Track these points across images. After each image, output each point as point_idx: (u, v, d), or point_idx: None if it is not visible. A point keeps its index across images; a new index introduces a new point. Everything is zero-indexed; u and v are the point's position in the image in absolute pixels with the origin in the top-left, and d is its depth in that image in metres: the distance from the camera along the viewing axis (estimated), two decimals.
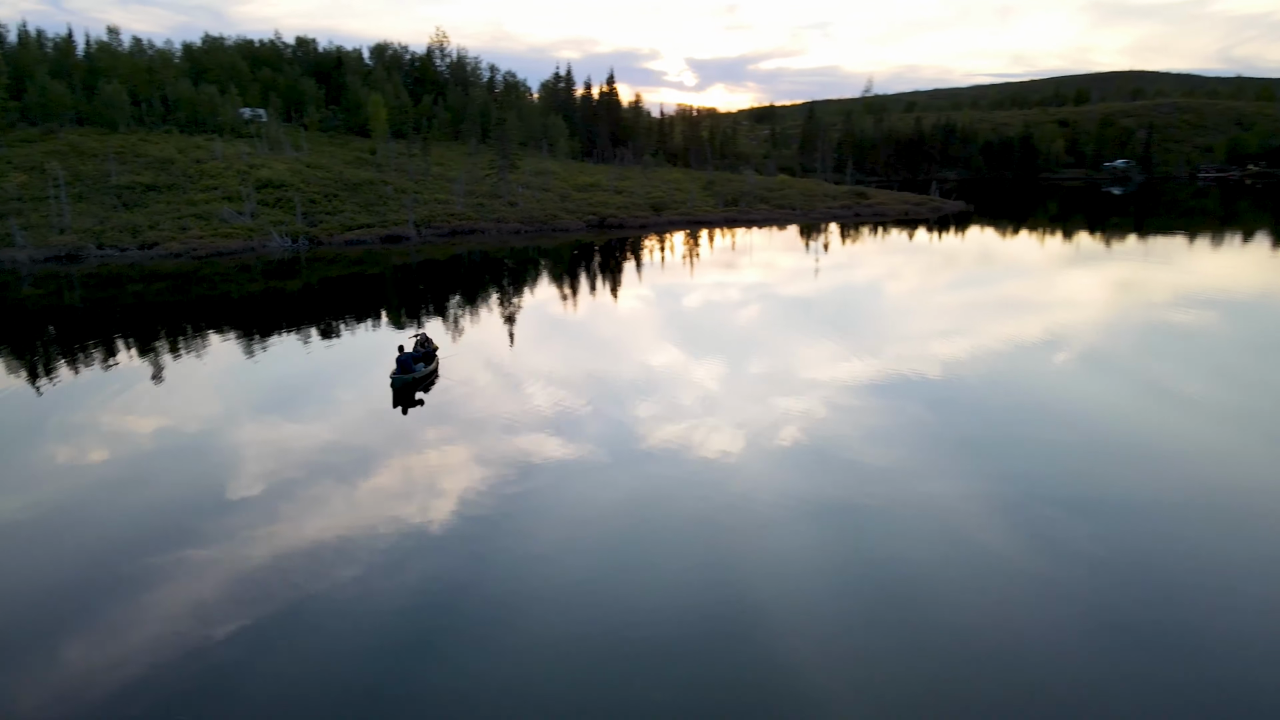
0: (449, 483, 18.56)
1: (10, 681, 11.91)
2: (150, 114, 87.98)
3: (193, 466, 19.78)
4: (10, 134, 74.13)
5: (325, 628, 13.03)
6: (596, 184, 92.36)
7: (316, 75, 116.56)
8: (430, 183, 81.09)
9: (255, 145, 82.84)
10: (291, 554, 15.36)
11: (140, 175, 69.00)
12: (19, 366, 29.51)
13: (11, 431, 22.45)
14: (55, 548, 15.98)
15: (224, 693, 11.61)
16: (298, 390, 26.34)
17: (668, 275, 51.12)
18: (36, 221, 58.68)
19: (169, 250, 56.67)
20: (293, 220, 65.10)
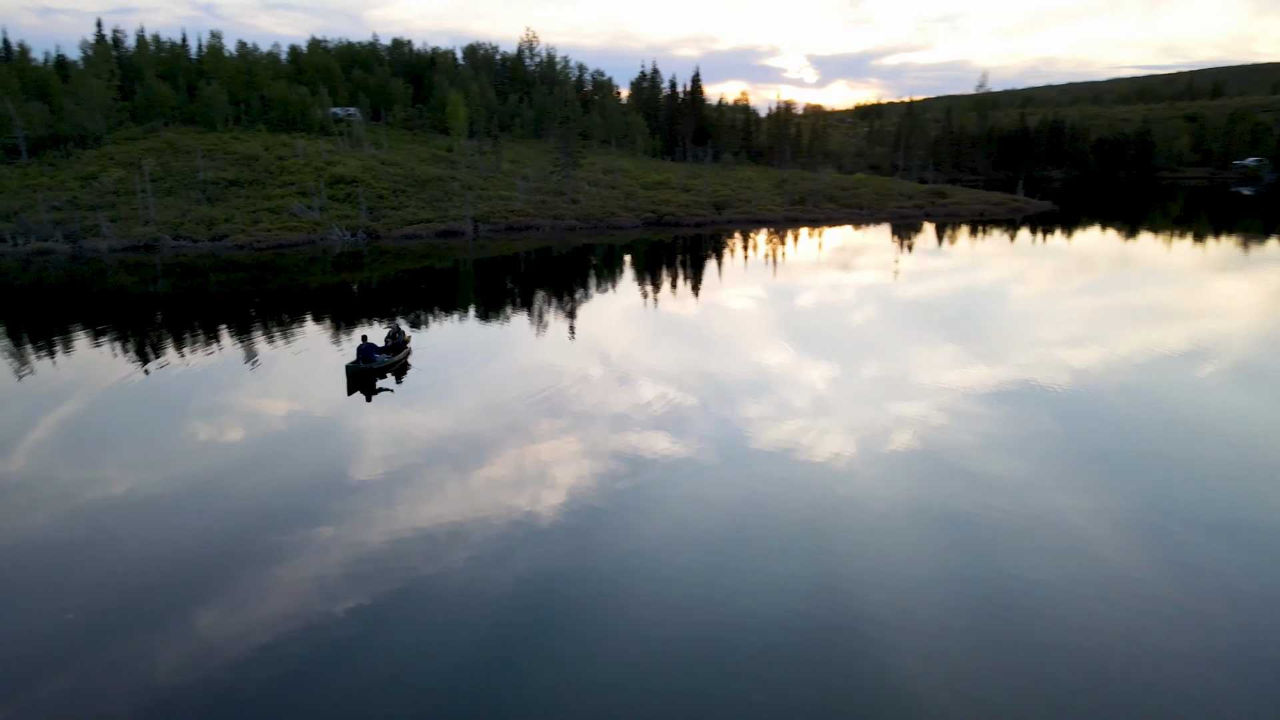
0: (558, 474, 18.86)
1: (149, 644, 12.71)
2: (247, 113, 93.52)
3: (317, 449, 20.75)
4: (117, 132, 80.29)
5: (436, 610, 13.47)
6: (665, 182, 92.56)
7: (410, 76, 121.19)
8: (499, 179, 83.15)
9: (337, 143, 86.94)
10: (407, 537, 15.89)
11: (225, 171, 73.57)
12: (147, 351, 31.08)
13: (153, 411, 23.83)
14: (192, 521, 16.86)
15: (342, 666, 12.10)
16: (413, 378, 27.10)
17: (758, 274, 50.13)
18: (126, 214, 63.50)
19: (236, 242, 60.29)
20: (357, 214, 68.08)
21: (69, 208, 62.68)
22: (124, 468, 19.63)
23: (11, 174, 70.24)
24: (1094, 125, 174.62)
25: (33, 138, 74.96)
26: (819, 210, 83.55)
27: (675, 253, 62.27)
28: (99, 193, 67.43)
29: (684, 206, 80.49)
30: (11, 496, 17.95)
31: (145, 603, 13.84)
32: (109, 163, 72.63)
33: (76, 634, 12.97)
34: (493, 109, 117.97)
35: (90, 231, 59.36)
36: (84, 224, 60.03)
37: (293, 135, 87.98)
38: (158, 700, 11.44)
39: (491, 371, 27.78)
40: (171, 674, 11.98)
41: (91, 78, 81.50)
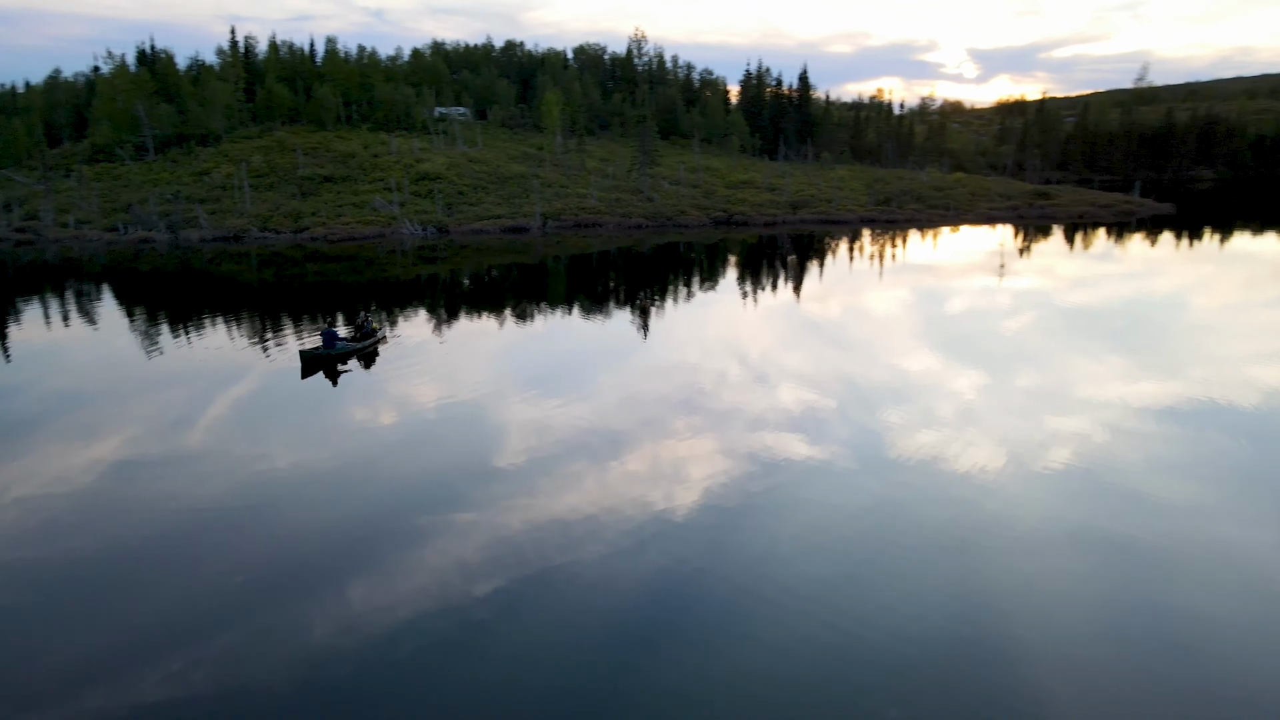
0: (693, 472, 18.95)
1: (305, 611, 13.51)
2: (357, 113, 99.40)
3: (463, 436, 21.59)
4: (236, 132, 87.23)
5: (568, 599, 13.79)
6: (750, 181, 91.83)
7: (520, 77, 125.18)
8: (581, 177, 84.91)
9: (432, 141, 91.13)
10: (544, 525, 16.28)
11: (323, 168, 78.69)
12: (294, 336, 33.08)
13: (313, 394, 25.45)
14: (346, 498, 17.77)
15: (478, 647, 12.52)
16: (553, 370, 28.05)
17: (867, 276, 48.72)
18: (226, 207, 69.18)
19: (313, 234, 64.53)
20: (434, 210, 71.33)
21: (175, 200, 68.85)
22: (288, 445, 20.90)
23: (138, 170, 77.81)
24: (1255, 121, 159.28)
25: (160, 137, 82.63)
26: (901, 211, 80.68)
27: (769, 252, 61.62)
28: (208, 187, 73.72)
29: (758, 206, 79.65)
30: (192, 466, 19.49)
31: (302, 572, 14.72)
32: (223, 160, 79.16)
33: (241, 596, 13.92)
34: (595, 108, 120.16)
35: (189, 223, 65.05)
36: (185, 215, 65.83)
37: (395, 134, 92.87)
38: (311, 663, 12.12)
39: (628, 367, 28.36)
40: (323, 640, 12.65)
41: (216, 82, 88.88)
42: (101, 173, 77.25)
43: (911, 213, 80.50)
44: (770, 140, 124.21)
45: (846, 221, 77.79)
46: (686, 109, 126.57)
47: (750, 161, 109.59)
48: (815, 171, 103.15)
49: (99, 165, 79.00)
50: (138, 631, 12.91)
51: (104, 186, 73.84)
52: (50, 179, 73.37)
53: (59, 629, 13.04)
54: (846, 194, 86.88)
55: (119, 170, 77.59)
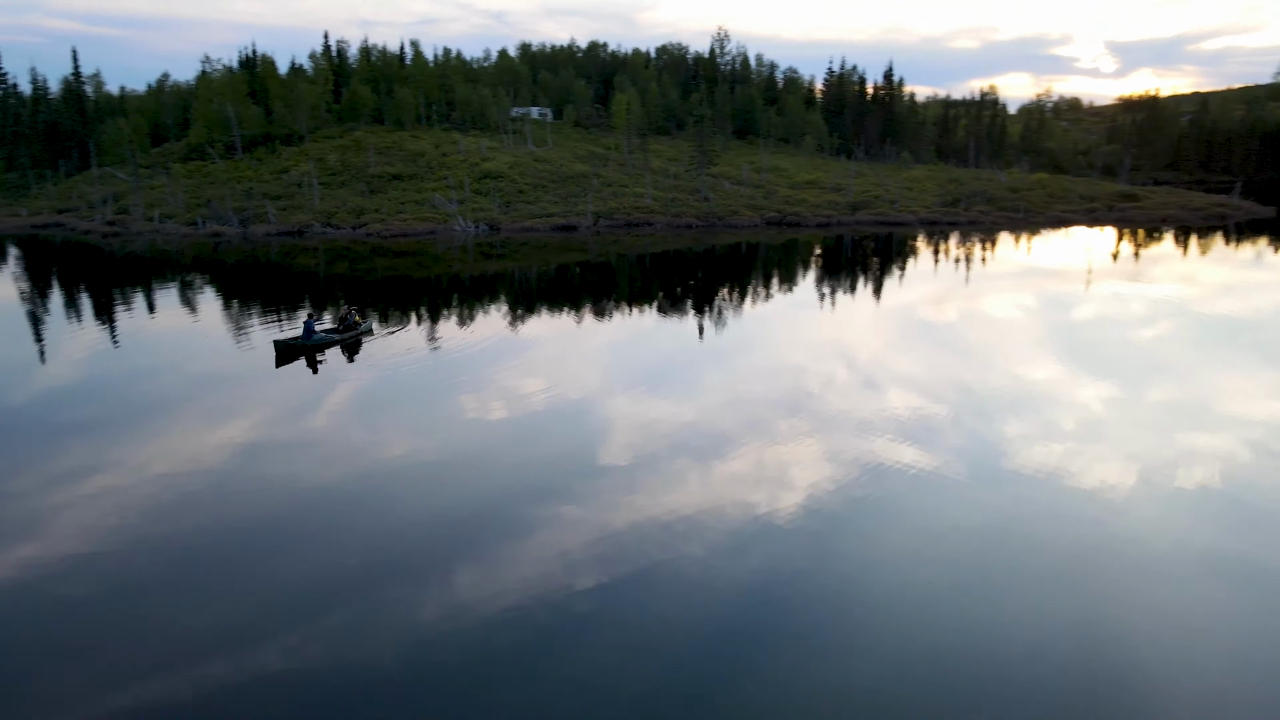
0: (797, 475, 18.91)
1: (413, 595, 13.99)
2: (436, 114, 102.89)
3: (568, 430, 22.05)
4: (319, 132, 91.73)
5: (669, 597, 13.88)
6: (816, 181, 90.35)
7: (602, 77, 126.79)
8: (643, 176, 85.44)
9: (502, 140, 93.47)
10: (646, 522, 16.43)
11: (393, 166, 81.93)
12: (397, 327, 34.71)
13: (426, 384, 26.60)
14: (455, 487, 18.37)
15: (579, 640, 12.74)
16: (654, 368, 28.57)
17: (956, 278, 47.60)
18: (298, 203, 73.00)
19: (370, 230, 67.34)
20: (491, 207, 73.27)
21: (249, 197, 73.10)
22: (402, 434, 21.70)
23: (226, 168, 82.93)
24: None
25: (248, 137, 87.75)
26: (966, 214, 77.77)
27: (846, 253, 60.65)
28: (284, 184, 77.91)
29: (815, 207, 78.33)
30: (313, 450, 20.58)
31: (412, 556, 15.29)
32: (302, 158, 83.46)
33: (355, 576, 14.54)
34: (673, 108, 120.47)
35: (259, 217, 68.99)
36: (255, 211, 69.83)
37: (470, 134, 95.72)
38: (418, 645, 12.55)
39: (729, 368, 28.53)
40: (430, 623, 13.11)
41: (303, 84, 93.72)
42: (193, 170, 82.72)
43: (977, 215, 77.48)
44: (851, 140, 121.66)
45: (905, 223, 75.56)
46: (767, 108, 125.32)
47: (824, 161, 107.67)
48: (889, 172, 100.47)
49: (191, 163, 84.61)
50: (260, 605, 13.67)
51: (193, 183, 79.05)
52: (141, 176, 79.10)
53: (188, 599, 13.92)
54: (914, 195, 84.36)
55: (209, 168, 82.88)
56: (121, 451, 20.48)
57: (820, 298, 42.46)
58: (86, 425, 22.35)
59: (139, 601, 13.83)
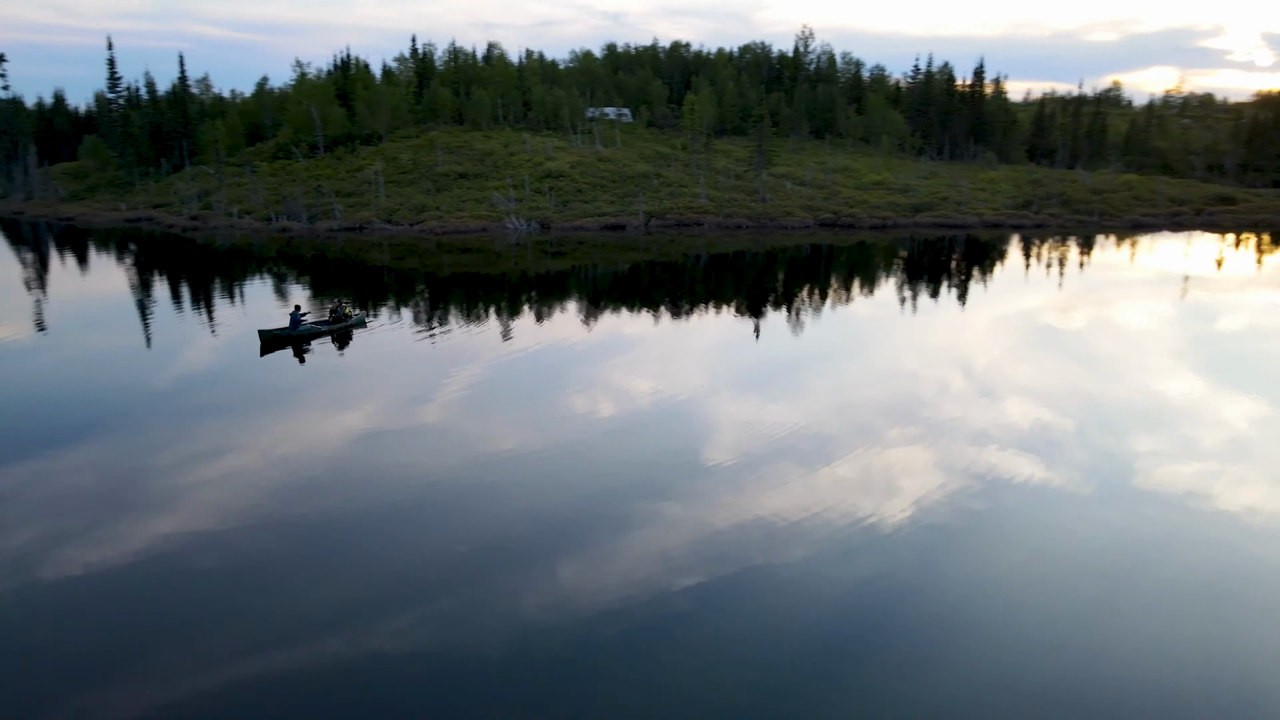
0: (906, 483, 18.34)
1: (516, 584, 14.43)
2: (513, 114, 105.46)
3: (672, 428, 22.41)
4: (397, 132, 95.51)
5: (768, 601, 13.77)
6: (884, 182, 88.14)
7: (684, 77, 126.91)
8: (707, 176, 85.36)
9: (571, 140, 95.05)
10: (748, 524, 16.39)
11: (460, 165, 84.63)
12: (507, 322, 36.76)
13: (536, 379, 27.66)
14: (561, 480, 18.82)
15: (676, 638, 12.78)
16: (758, 369, 28.70)
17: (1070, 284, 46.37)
18: (367, 200, 76.39)
19: (426, 227, 69.89)
20: (547, 206, 74.80)
21: (320, 194, 76.97)
22: (511, 427, 22.50)
23: (307, 166, 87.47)
24: None
25: (330, 137, 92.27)
26: (1035, 216, 74.52)
27: (917, 255, 59.56)
28: (357, 182, 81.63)
29: (874, 209, 76.59)
30: (426, 440, 21.60)
31: (517, 546, 15.73)
32: (378, 158, 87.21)
33: (462, 564, 15.16)
34: (750, 108, 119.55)
35: (326, 213, 72.64)
36: (323, 207, 73.53)
37: (543, 134, 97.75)
38: (521, 634, 12.88)
39: (836, 370, 28.41)
40: (533, 614, 13.44)
41: (384, 86, 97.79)
42: (277, 169, 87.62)
43: (1046, 218, 74.13)
44: (936, 139, 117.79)
45: (966, 226, 73.05)
46: (852, 106, 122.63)
47: (900, 161, 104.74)
48: (969, 172, 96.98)
49: (277, 162, 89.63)
50: (373, 587, 14.34)
51: (276, 181, 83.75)
52: (230, 174, 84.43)
53: (307, 577, 14.82)
54: (985, 197, 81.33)
55: (292, 167, 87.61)
56: (248, 435, 21.92)
57: (918, 302, 41.41)
58: (217, 409, 24.00)
59: (263, 577, 14.71)
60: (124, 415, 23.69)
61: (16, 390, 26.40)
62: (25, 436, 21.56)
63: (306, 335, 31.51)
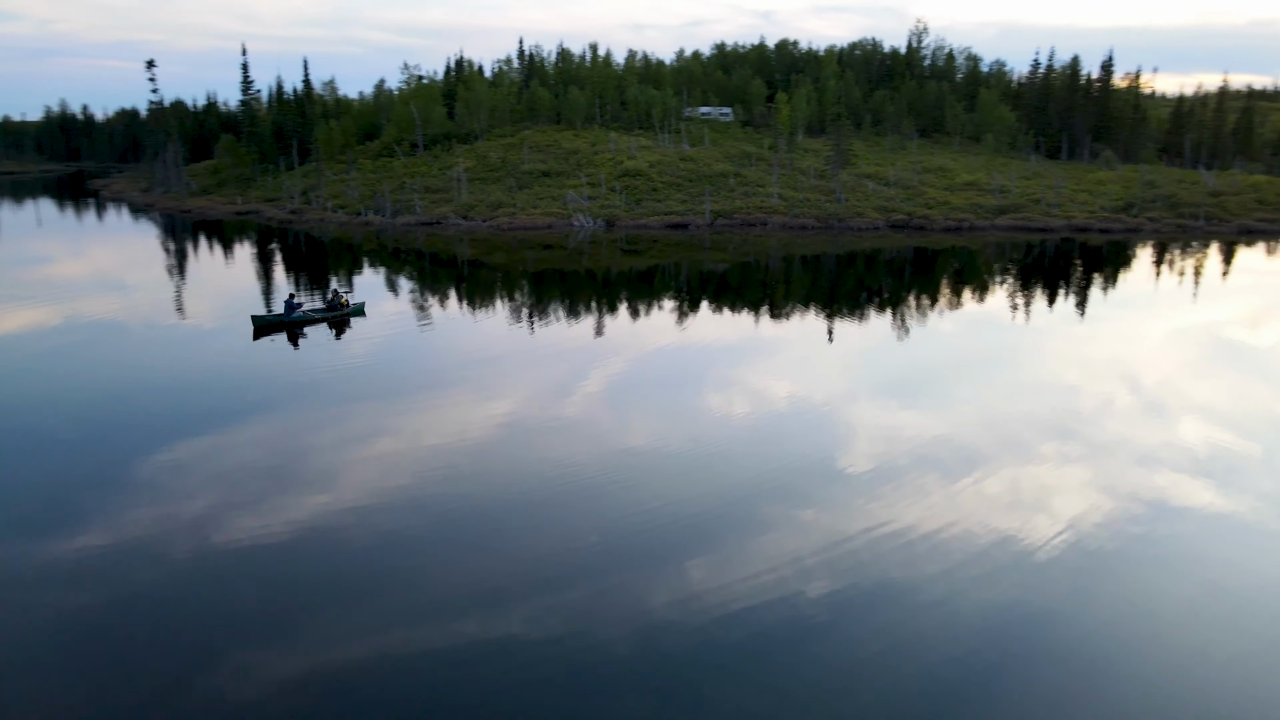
0: (1060, 504, 17.39)
1: (646, 579, 14.48)
2: (610, 114, 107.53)
3: (811, 433, 22.08)
4: (493, 132, 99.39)
5: (902, 617, 13.23)
6: (976, 183, 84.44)
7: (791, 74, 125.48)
8: (788, 176, 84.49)
9: (658, 139, 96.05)
10: (884, 536, 15.84)
11: (544, 164, 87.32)
12: (639, 319, 37.70)
13: (675, 377, 28.16)
14: (694, 479, 18.83)
15: (807, 648, 12.45)
16: (900, 375, 28.05)
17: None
18: (451, 196, 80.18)
19: (496, 223, 72.68)
20: (619, 204, 76.20)
21: (404, 190, 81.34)
22: (646, 423, 22.92)
23: (405, 164, 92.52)
24: None
25: (430, 136, 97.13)
26: (1133, 220, 69.54)
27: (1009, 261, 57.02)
28: (446, 180, 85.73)
29: (954, 210, 73.64)
30: (564, 433, 22.36)
31: (648, 540, 15.91)
32: (471, 156, 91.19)
33: (594, 555, 15.46)
34: (854, 106, 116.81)
35: (408, 209, 76.80)
36: (406, 203, 77.75)
37: (633, 133, 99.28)
38: (649, 628, 13.00)
39: (985, 380, 27.48)
40: (661, 609, 13.50)
41: (485, 88, 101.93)
42: (379, 166, 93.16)
43: (1143, 222, 69.03)
44: (1052, 137, 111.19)
45: (1050, 230, 69.11)
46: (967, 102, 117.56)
47: (1007, 161, 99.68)
48: (1076, 172, 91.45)
49: (380, 160, 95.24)
50: (508, 572, 14.86)
51: (375, 177, 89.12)
52: (336, 171, 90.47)
53: (446, 559, 15.57)
54: (1088, 199, 76.63)
55: (392, 164, 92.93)
56: (398, 420, 23.30)
57: (1059, 309, 39.68)
58: (370, 395, 25.69)
59: (407, 555, 15.51)
60: (288, 397, 25.80)
61: (199, 370, 28.61)
62: (204, 413, 23.50)
63: (300, 321, 34.03)
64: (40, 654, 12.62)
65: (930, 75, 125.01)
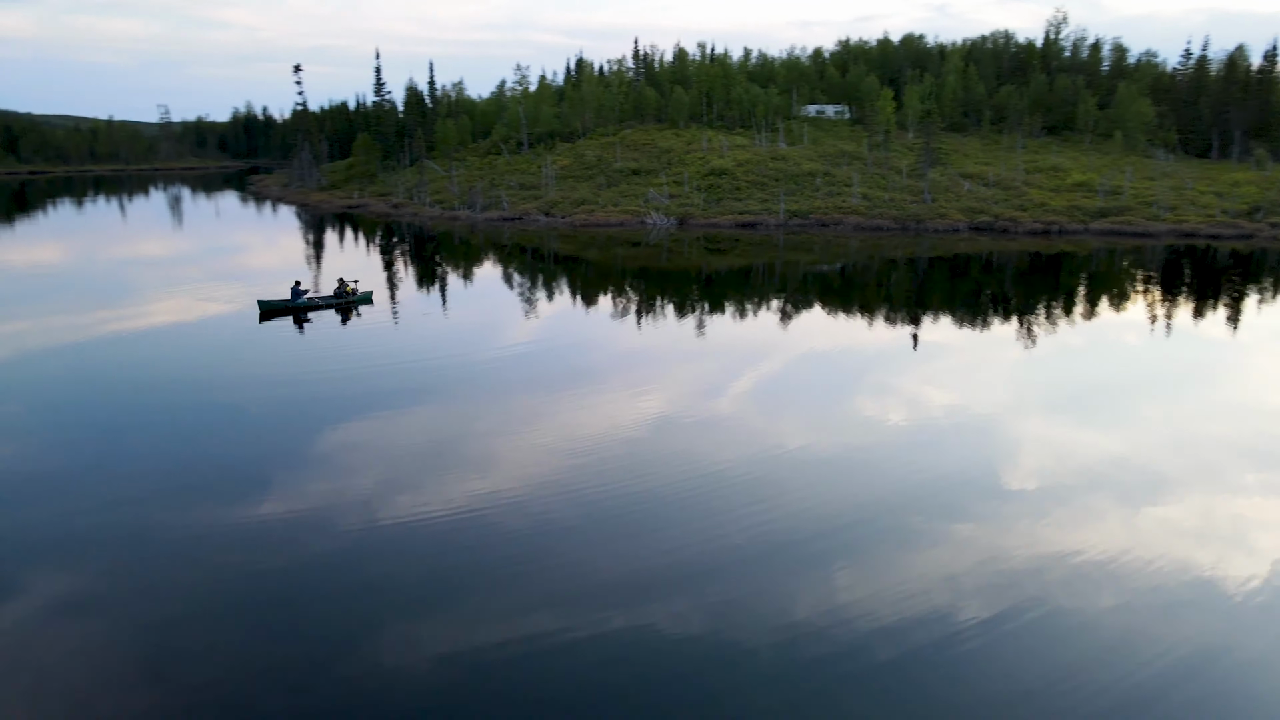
0: (1261, 539, 15.93)
1: (788, 585, 14.17)
2: (715, 113, 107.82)
3: (970, 445, 21.07)
4: (596, 130, 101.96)
5: (1070, 650, 12.28)
6: (1087, 183, 78.97)
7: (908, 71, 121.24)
8: (879, 176, 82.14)
9: (754, 138, 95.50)
10: (1050, 559, 14.82)
11: (636, 162, 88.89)
12: (772, 321, 37.23)
13: (830, 380, 27.67)
14: (845, 485, 18.45)
15: (962, 675, 11.74)
16: (1069, 388, 26.31)
17: None
18: (541, 193, 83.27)
19: (574, 220, 74.87)
20: (697, 202, 76.70)
21: (494, 186, 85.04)
22: (797, 425, 22.51)
23: (509, 162, 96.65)
24: None
25: (536, 135, 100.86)
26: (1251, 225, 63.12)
27: None
28: (542, 177, 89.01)
29: (1047, 212, 69.33)
30: (714, 432, 22.15)
31: (794, 547, 15.66)
32: (569, 154, 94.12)
33: (737, 556, 15.28)
34: (976, 102, 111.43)
35: (494, 205, 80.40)
36: (494, 199, 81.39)
37: (734, 132, 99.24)
38: (789, 636, 12.71)
39: (1173, 398, 25.73)
40: (805, 618, 13.10)
41: (592, 87, 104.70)
42: (485, 164, 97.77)
43: (1261, 228, 62.47)
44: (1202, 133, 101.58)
45: (1152, 235, 63.84)
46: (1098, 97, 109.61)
47: (1135, 159, 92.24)
48: (1212, 172, 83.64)
49: (487, 157, 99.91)
50: (653, 566, 14.99)
51: (479, 174, 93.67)
52: (447, 167, 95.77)
53: (595, 548, 15.79)
54: (1211, 201, 70.24)
55: (496, 161, 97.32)
56: (555, 410, 24.06)
57: (1244, 323, 36.97)
58: (528, 384, 26.73)
59: (558, 543, 15.92)
60: (451, 383, 27.26)
61: (370, 354, 30.74)
62: (372, 396, 25.30)
63: (304, 307, 37.06)
64: (226, 609, 13.83)
65: (1068, 68, 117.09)
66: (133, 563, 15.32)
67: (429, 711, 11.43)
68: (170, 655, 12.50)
